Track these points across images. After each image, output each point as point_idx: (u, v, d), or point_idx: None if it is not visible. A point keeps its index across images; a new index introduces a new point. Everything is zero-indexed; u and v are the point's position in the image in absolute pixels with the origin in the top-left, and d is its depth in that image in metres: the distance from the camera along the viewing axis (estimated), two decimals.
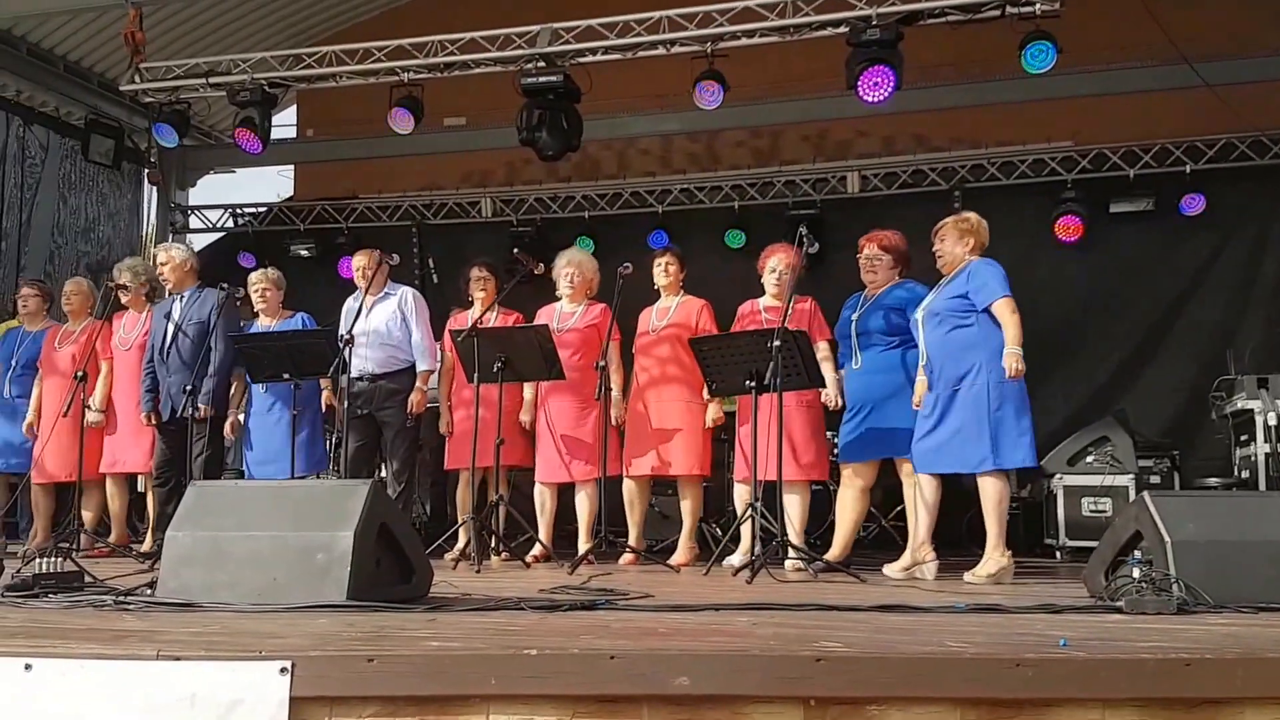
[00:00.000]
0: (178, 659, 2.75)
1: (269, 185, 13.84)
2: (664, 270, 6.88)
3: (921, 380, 5.76)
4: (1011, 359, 5.40)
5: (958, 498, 9.15)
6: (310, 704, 2.72)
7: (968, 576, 5.52)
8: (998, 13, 7.79)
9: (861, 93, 7.85)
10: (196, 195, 13.06)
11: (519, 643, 2.93)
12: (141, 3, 8.91)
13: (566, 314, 7.03)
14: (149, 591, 3.99)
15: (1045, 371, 9.85)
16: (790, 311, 6.09)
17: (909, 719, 2.72)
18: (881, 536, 8.67)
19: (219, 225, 12.72)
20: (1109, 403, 9.71)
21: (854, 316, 6.14)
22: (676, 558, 6.65)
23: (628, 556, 6.64)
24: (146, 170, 12.22)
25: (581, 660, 2.75)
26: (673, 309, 6.86)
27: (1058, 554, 8.23)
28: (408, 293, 7.38)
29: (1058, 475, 8.34)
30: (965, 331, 5.56)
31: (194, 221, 12.75)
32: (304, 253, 11.93)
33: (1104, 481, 8.23)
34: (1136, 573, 4.17)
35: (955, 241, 5.82)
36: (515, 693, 2.72)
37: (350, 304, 7.35)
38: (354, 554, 3.75)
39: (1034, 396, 8.68)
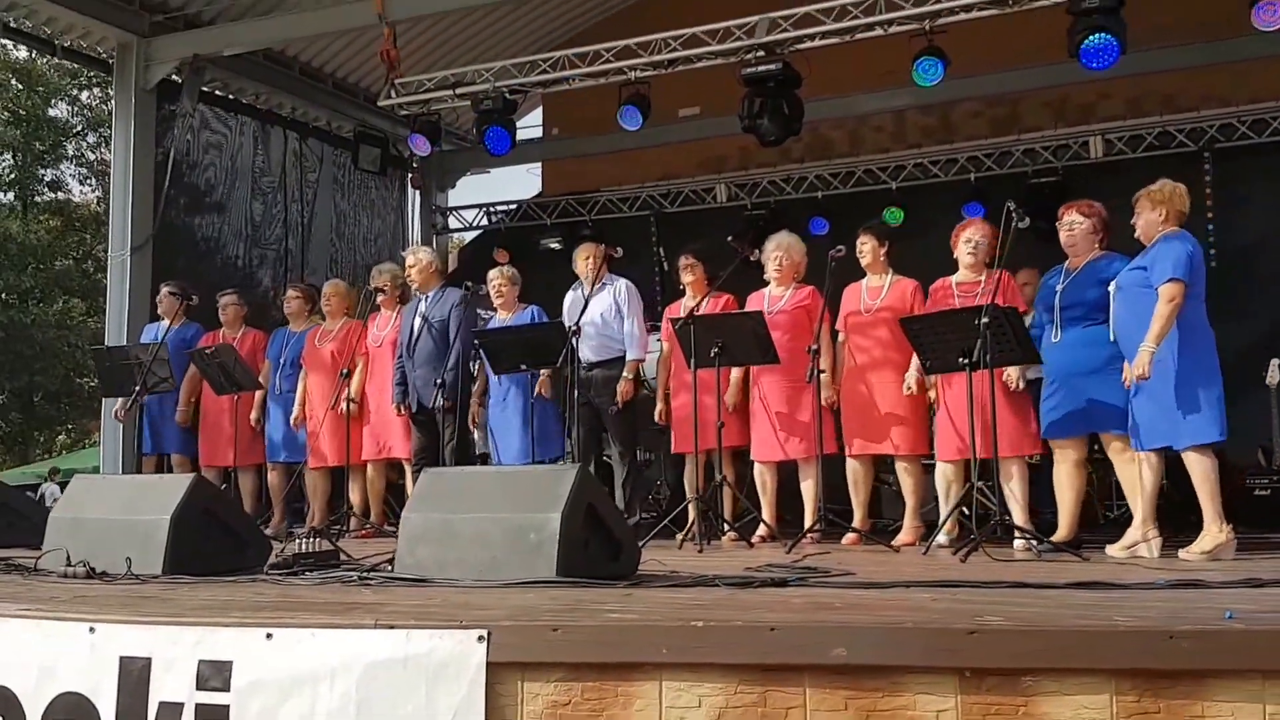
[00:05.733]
0: (392, 627, 3.15)
1: (521, 183, 14.63)
2: (859, 249, 6.97)
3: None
4: (1140, 359, 5.32)
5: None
6: (505, 668, 3.07)
7: (1183, 554, 5.42)
8: None
9: (1085, 60, 7.72)
10: (456, 196, 13.98)
11: (694, 616, 3.20)
12: (395, 21, 9.53)
13: (775, 297, 7.20)
14: (388, 568, 4.46)
15: None
16: (985, 286, 6.19)
17: (1064, 689, 2.83)
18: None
19: (475, 224, 13.52)
20: None
21: (1059, 287, 6.07)
22: (901, 537, 6.71)
23: (850, 536, 6.76)
24: (409, 175, 13.11)
25: (744, 632, 3.00)
26: (885, 289, 6.91)
27: None
28: (622, 284, 7.72)
29: None
30: (1147, 306, 5.43)
31: (453, 221, 13.64)
32: (554, 245, 12.43)
33: None
34: None
35: (1150, 213, 5.68)
36: (685, 661, 2.99)
37: (571, 295, 7.75)
38: (561, 534, 4.11)
39: None
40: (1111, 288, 5.73)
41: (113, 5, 9.73)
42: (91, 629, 3.48)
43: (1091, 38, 7.60)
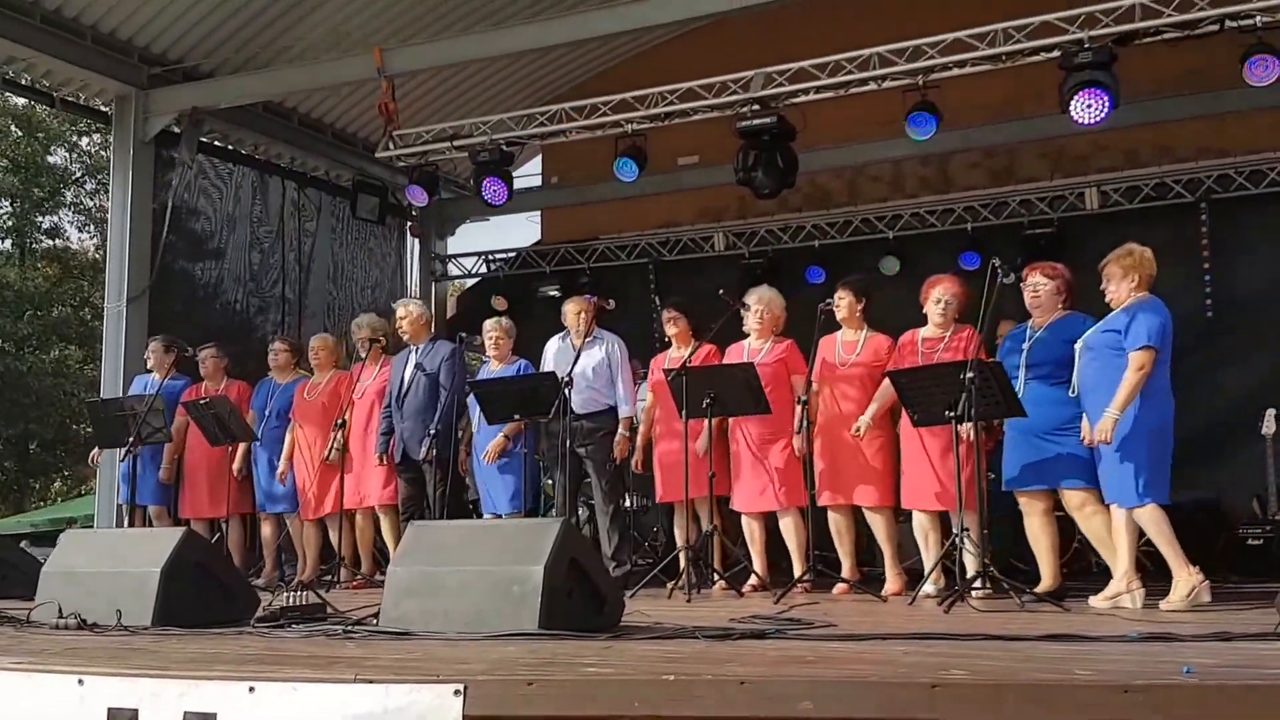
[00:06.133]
0: (371, 682, 3.21)
1: (523, 229, 14.78)
2: (836, 303, 7.06)
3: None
4: (1104, 424, 5.47)
5: (1211, 522, 8.89)
6: None
7: (1163, 605, 5.48)
8: (1216, 28, 7.62)
9: (1075, 116, 7.81)
10: (456, 243, 14.11)
11: (669, 669, 3.26)
12: (393, 74, 9.68)
13: (754, 350, 7.29)
14: (374, 621, 4.51)
15: None
16: (950, 342, 6.39)
17: None
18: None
19: (474, 271, 13.64)
20: None
21: (1025, 347, 6.16)
22: (888, 587, 6.80)
23: (840, 587, 6.82)
24: (408, 224, 13.26)
25: (713, 685, 3.05)
26: (860, 345, 7.01)
27: None
28: (613, 339, 7.82)
29: None
30: (1114, 368, 5.57)
31: (452, 269, 13.78)
32: (553, 293, 12.46)
33: None
34: None
35: (1121, 279, 5.78)
36: (656, 714, 3.04)
37: (556, 344, 7.86)
38: (544, 586, 4.16)
39: None
40: (1078, 346, 5.84)
41: (111, 58, 9.85)
42: (80, 680, 3.54)
43: (1083, 94, 7.69)
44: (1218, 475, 9.36)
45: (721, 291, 7.30)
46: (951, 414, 5.94)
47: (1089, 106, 7.74)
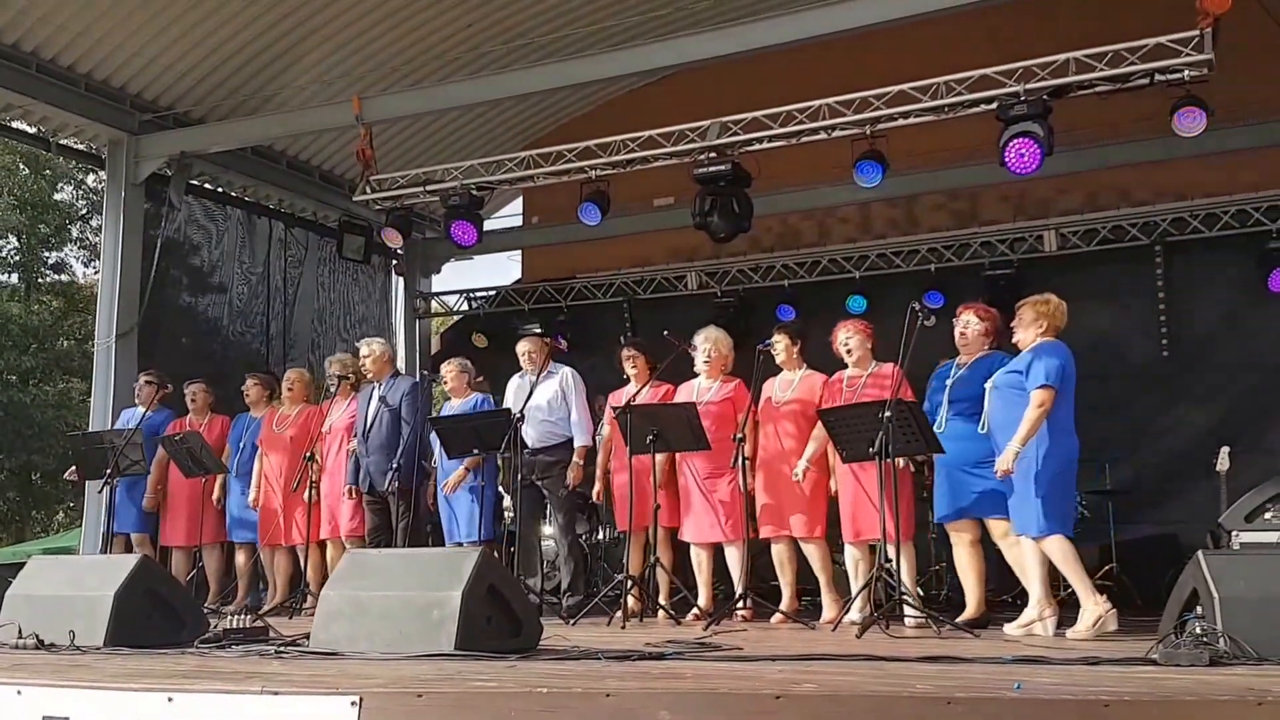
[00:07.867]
0: (276, 694, 3.53)
1: (506, 268, 15.18)
2: (774, 347, 7.38)
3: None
4: (1005, 457, 5.79)
5: (1166, 554, 9.16)
6: None
7: (1069, 634, 5.77)
8: (1146, 81, 7.95)
9: (1009, 164, 8.15)
10: (441, 280, 14.51)
11: (547, 683, 3.57)
12: (371, 122, 10.08)
13: (704, 389, 7.62)
14: (306, 643, 4.84)
15: (1259, 424, 9.88)
16: (868, 380, 6.82)
17: None
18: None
19: (456, 309, 14.01)
20: None
21: (948, 382, 6.49)
22: (825, 615, 7.08)
23: (777, 617, 7.11)
24: (393, 263, 13.64)
25: (583, 697, 3.38)
26: (795, 383, 7.34)
27: None
28: (568, 372, 8.16)
29: (1235, 532, 8.26)
30: (1018, 406, 5.88)
31: (435, 306, 14.11)
32: (535, 331, 12.77)
33: None
34: (1199, 628, 4.44)
35: (1030, 322, 6.12)
36: None
37: (515, 381, 8.20)
38: (461, 610, 4.48)
39: (1248, 450, 8.63)
40: (988, 386, 6.16)
41: (104, 105, 10.29)
42: (19, 691, 3.87)
43: (1016, 143, 8.01)
44: (1175, 511, 9.66)
45: (666, 333, 7.64)
46: (873, 450, 6.27)
47: (1022, 155, 8.08)
